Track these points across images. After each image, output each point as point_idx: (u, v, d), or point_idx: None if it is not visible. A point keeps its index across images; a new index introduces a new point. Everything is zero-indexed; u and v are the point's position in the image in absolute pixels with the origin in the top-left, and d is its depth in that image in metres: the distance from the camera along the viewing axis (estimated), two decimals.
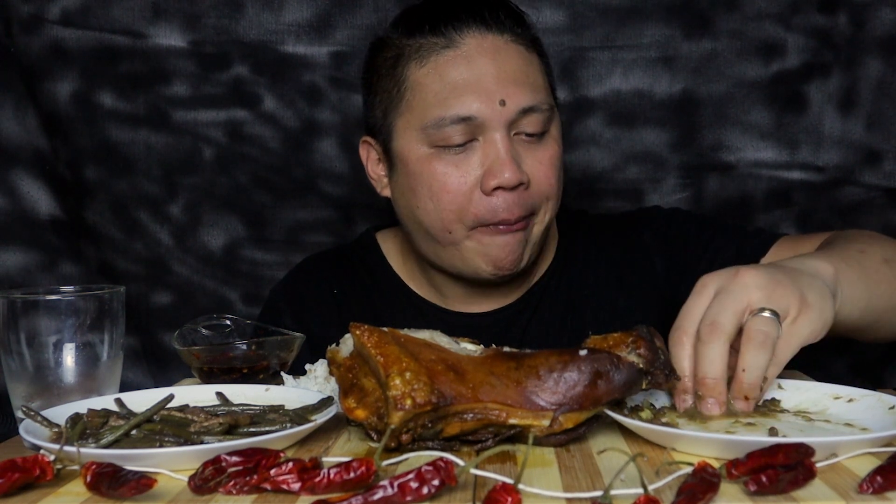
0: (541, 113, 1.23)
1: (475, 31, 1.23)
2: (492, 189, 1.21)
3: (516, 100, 1.21)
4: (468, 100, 1.20)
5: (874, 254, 1.11)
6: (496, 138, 1.21)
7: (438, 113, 1.21)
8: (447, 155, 1.22)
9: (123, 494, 0.70)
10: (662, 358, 0.85)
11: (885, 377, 1.73)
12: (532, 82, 1.24)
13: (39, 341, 0.95)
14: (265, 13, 1.70)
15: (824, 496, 0.68)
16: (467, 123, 1.20)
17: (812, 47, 1.69)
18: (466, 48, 1.22)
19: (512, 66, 1.23)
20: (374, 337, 0.82)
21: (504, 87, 1.21)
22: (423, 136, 1.23)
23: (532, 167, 1.23)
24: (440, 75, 1.22)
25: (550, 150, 1.25)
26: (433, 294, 1.39)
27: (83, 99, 1.70)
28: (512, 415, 0.81)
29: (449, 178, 1.22)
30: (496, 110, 1.20)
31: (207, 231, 1.75)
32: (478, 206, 1.22)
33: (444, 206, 1.22)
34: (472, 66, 1.21)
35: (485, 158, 1.22)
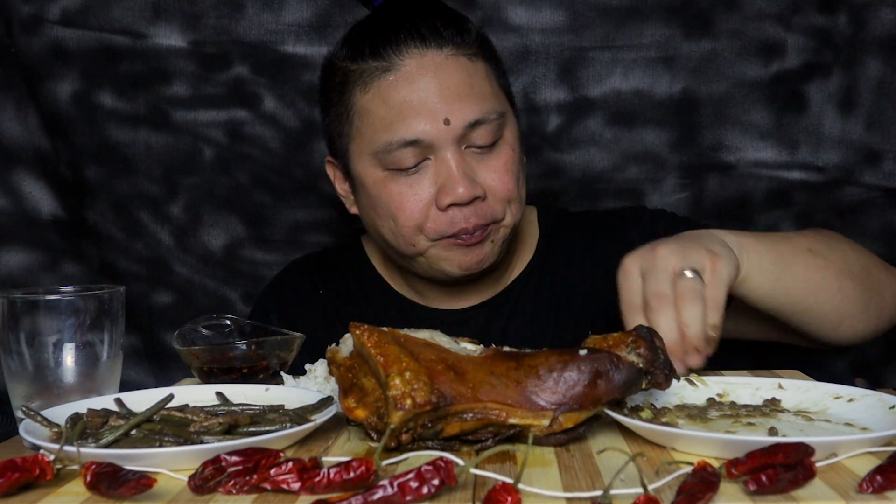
0: (489, 124, 1.24)
1: (414, 49, 1.23)
2: (446, 206, 1.23)
3: (461, 116, 1.22)
4: (413, 122, 1.21)
5: (799, 242, 1.18)
6: (447, 157, 1.22)
7: (385, 138, 1.22)
8: (401, 177, 1.24)
9: (123, 494, 0.70)
10: (662, 357, 0.85)
11: (886, 377, 1.73)
12: (477, 93, 1.24)
13: (39, 341, 0.95)
14: (265, 13, 1.70)
15: (824, 496, 0.68)
16: (415, 146, 1.22)
17: (812, 47, 1.69)
18: (406, 69, 1.23)
19: (454, 80, 1.23)
20: (374, 337, 0.83)
21: (447, 104, 1.21)
22: (376, 161, 1.25)
23: (486, 177, 1.25)
24: (384, 100, 1.23)
25: (504, 156, 1.26)
26: (415, 293, 1.42)
27: (84, 99, 1.70)
28: (512, 414, 0.81)
29: (404, 198, 1.24)
30: (441, 129, 1.21)
31: (208, 231, 1.75)
32: (435, 221, 1.24)
33: (402, 224, 1.25)
34: (413, 87, 1.22)
35: (437, 177, 1.23)
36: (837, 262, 1.18)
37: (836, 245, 1.22)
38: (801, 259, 1.15)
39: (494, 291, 1.40)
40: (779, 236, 1.19)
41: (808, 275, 1.15)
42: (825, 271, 1.16)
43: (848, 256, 1.21)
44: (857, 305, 1.20)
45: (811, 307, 1.17)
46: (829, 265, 1.17)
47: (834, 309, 1.18)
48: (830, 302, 1.18)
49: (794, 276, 1.14)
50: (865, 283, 1.21)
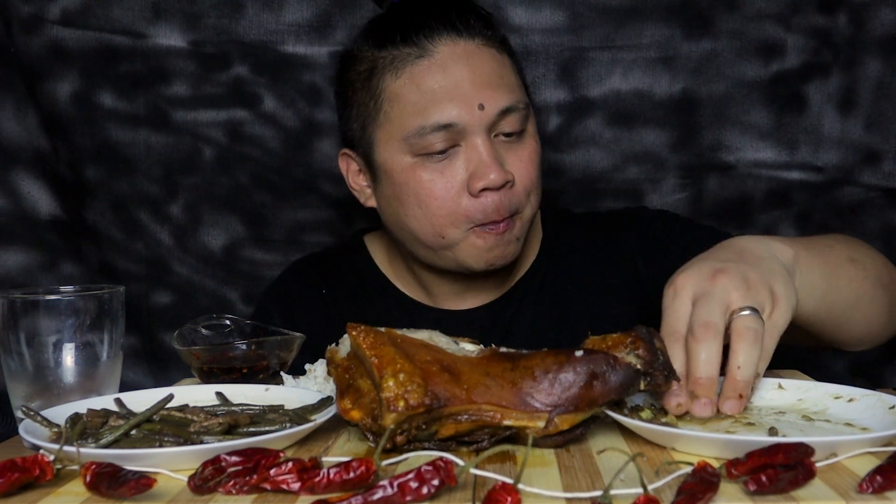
0: (518, 112, 1.26)
1: (447, 37, 1.24)
2: (479, 191, 1.23)
3: (494, 103, 1.23)
4: (447, 107, 1.22)
5: (841, 251, 1.14)
6: (478, 143, 1.23)
7: (419, 122, 1.22)
8: (430, 163, 1.24)
9: (123, 494, 0.70)
10: (661, 359, 0.84)
11: (886, 377, 1.73)
12: (507, 83, 1.26)
13: (39, 341, 0.95)
14: (265, 13, 1.70)
15: (824, 496, 0.68)
16: (448, 130, 1.22)
17: (812, 47, 1.69)
18: (440, 56, 1.24)
19: (486, 69, 1.25)
20: (370, 338, 0.82)
21: (481, 91, 1.23)
22: (406, 146, 1.24)
23: (514, 165, 1.26)
24: (417, 85, 1.23)
25: (529, 147, 1.28)
26: (419, 292, 1.41)
27: (83, 99, 1.70)
28: (506, 416, 0.80)
29: (435, 185, 1.24)
30: (475, 115, 1.22)
31: (207, 231, 1.75)
32: (468, 207, 1.24)
33: (433, 212, 1.25)
34: (447, 73, 1.23)
35: (468, 163, 1.24)
36: (872, 271, 1.15)
37: (868, 252, 1.19)
38: (845, 271, 1.12)
39: (499, 292, 1.40)
40: (822, 244, 1.13)
41: (851, 287, 1.12)
42: (863, 282, 1.13)
43: (878, 264, 1.18)
44: (886, 313, 1.18)
45: (850, 318, 1.14)
46: (867, 275, 1.14)
47: (869, 318, 1.16)
48: (866, 311, 1.15)
49: (839, 289, 1.10)
50: (891, 288, 1.19)
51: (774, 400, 0.95)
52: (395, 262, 1.43)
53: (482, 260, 1.28)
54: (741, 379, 0.88)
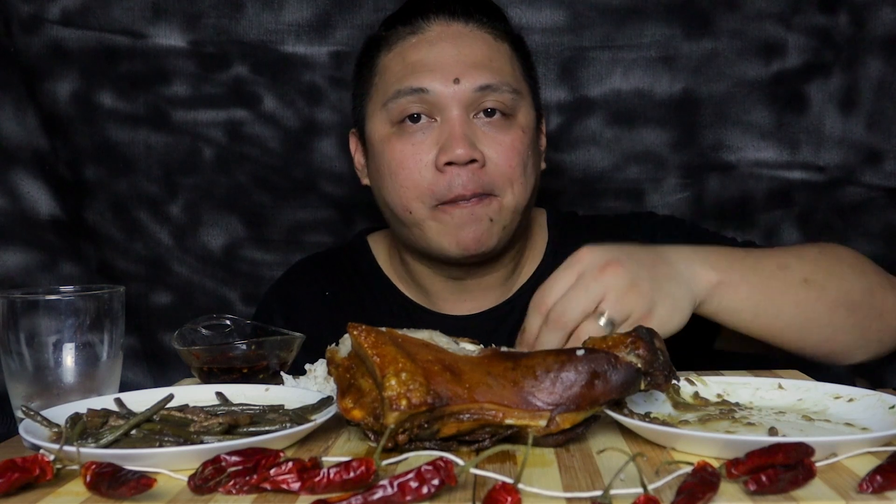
0: (499, 93, 1.25)
1: (441, 19, 1.29)
2: (443, 164, 1.23)
3: (472, 79, 1.24)
4: (424, 76, 1.25)
5: (795, 272, 1.12)
6: (452, 117, 1.24)
7: (395, 87, 1.26)
8: (405, 134, 1.26)
9: (123, 494, 0.70)
10: (662, 359, 0.85)
11: (886, 377, 1.72)
12: (495, 66, 1.27)
13: (39, 341, 0.95)
14: (265, 13, 1.70)
15: (824, 496, 0.68)
16: (421, 96, 1.24)
17: (813, 47, 1.69)
18: (430, 34, 1.28)
19: (474, 50, 1.27)
20: (371, 337, 0.82)
21: (461, 67, 1.25)
22: (385, 115, 1.28)
23: (490, 147, 1.25)
24: (403, 58, 1.28)
25: (513, 134, 1.27)
26: (421, 295, 1.41)
27: (83, 99, 1.70)
28: (508, 415, 0.80)
29: (405, 155, 1.26)
30: (450, 87, 1.24)
31: (207, 231, 1.75)
32: (432, 181, 1.24)
33: (400, 183, 1.26)
34: (432, 48, 1.27)
35: (440, 137, 1.25)
36: (834, 292, 1.14)
37: (836, 268, 1.17)
38: (792, 294, 1.11)
39: (503, 296, 1.39)
40: (776, 263, 1.13)
41: (797, 311, 1.12)
42: (817, 304, 1.12)
43: (847, 282, 1.16)
44: (852, 335, 1.17)
45: (796, 339, 1.14)
46: (824, 296, 1.13)
47: (824, 340, 1.15)
48: (820, 334, 1.14)
49: (778, 314, 1.11)
50: (865, 310, 1.16)
51: (774, 400, 0.95)
52: (396, 263, 1.42)
53: (453, 241, 1.25)
54: None
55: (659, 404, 0.92)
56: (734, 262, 1.10)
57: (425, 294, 1.40)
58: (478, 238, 1.26)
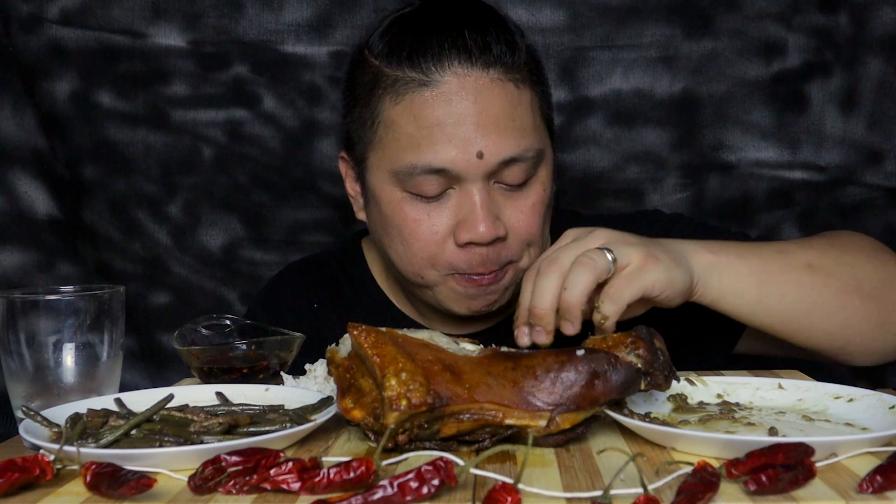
0: (524, 162, 1.14)
1: (457, 66, 1.12)
2: (464, 243, 1.14)
3: (496, 151, 1.12)
4: (443, 148, 1.11)
5: (797, 256, 1.09)
6: (472, 191, 1.13)
7: (410, 160, 1.13)
8: (420, 202, 1.15)
9: (123, 494, 0.70)
10: (662, 359, 0.85)
11: (886, 377, 1.72)
12: (518, 126, 1.14)
13: (39, 341, 0.95)
14: (265, 13, 1.70)
15: (824, 496, 0.68)
16: (441, 175, 1.13)
17: (813, 47, 1.69)
18: (446, 87, 1.11)
19: (496, 109, 1.12)
20: (372, 337, 0.82)
21: (484, 135, 1.11)
22: (395, 180, 1.15)
23: (511, 217, 1.16)
24: (415, 116, 1.12)
25: (534, 196, 1.17)
26: (416, 313, 1.34)
27: (82, 98, 1.70)
28: (508, 415, 0.80)
29: (420, 225, 1.15)
30: (472, 162, 1.11)
31: (206, 231, 1.75)
32: (451, 256, 1.16)
33: (414, 252, 1.17)
34: (450, 108, 1.11)
35: (459, 209, 1.14)
36: (843, 278, 1.08)
37: (847, 256, 1.11)
38: (794, 276, 1.07)
39: (502, 315, 1.29)
40: (774, 248, 1.10)
41: (801, 294, 1.07)
42: (824, 289, 1.07)
43: (860, 270, 1.10)
44: (869, 325, 1.10)
45: (805, 327, 1.09)
46: (831, 282, 1.07)
47: (837, 329, 1.09)
48: (831, 322, 1.09)
49: (782, 296, 1.06)
50: (882, 299, 1.10)
51: (774, 400, 0.95)
52: (392, 277, 1.34)
53: (463, 306, 1.20)
54: (565, 300, 0.96)
55: (659, 404, 0.92)
56: (730, 246, 1.08)
57: (422, 314, 1.34)
58: (490, 305, 1.21)
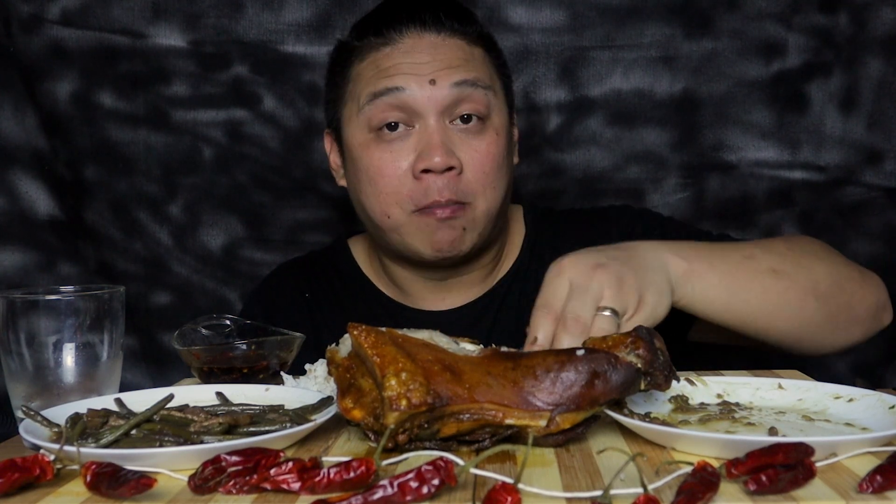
0: (476, 90, 1.27)
1: (413, 30, 1.29)
2: (420, 171, 1.25)
3: (447, 78, 1.25)
4: (398, 78, 1.26)
5: (762, 262, 1.15)
6: (429, 124, 1.26)
7: (370, 90, 1.27)
8: (383, 141, 1.27)
9: (123, 494, 0.70)
10: (662, 359, 0.85)
11: (886, 377, 1.73)
12: (470, 66, 1.28)
13: (39, 341, 0.95)
14: (265, 13, 1.70)
15: (824, 496, 0.68)
16: (397, 96, 1.25)
17: (813, 47, 1.69)
18: (403, 45, 1.28)
19: (449, 54, 1.28)
20: (371, 337, 0.82)
21: (436, 70, 1.26)
22: (363, 121, 1.28)
23: (465, 153, 1.27)
24: (377, 65, 1.28)
25: (488, 138, 1.28)
26: (400, 294, 1.42)
27: (83, 99, 1.70)
28: (508, 415, 0.80)
29: (384, 162, 1.27)
30: (426, 89, 1.25)
31: (207, 231, 1.75)
32: (411, 188, 1.26)
33: (380, 190, 1.28)
34: (406, 58, 1.27)
35: (418, 144, 1.26)
36: (802, 282, 1.16)
37: (805, 260, 1.19)
38: (759, 282, 1.14)
39: (481, 291, 1.41)
40: (742, 254, 1.16)
41: (766, 298, 1.14)
42: (786, 293, 1.15)
43: (816, 273, 1.18)
44: (822, 323, 1.18)
45: (765, 327, 1.16)
46: (792, 286, 1.15)
47: (794, 328, 1.17)
48: (790, 322, 1.16)
49: (747, 301, 1.13)
50: (834, 300, 1.18)
51: (774, 400, 0.95)
52: (376, 264, 1.44)
53: (428, 244, 1.28)
54: None
55: (659, 404, 0.92)
56: (701, 252, 1.13)
57: (405, 293, 1.42)
58: (451, 241, 1.28)
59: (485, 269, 1.40)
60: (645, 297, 1.04)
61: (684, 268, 1.09)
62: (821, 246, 1.25)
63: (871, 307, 1.22)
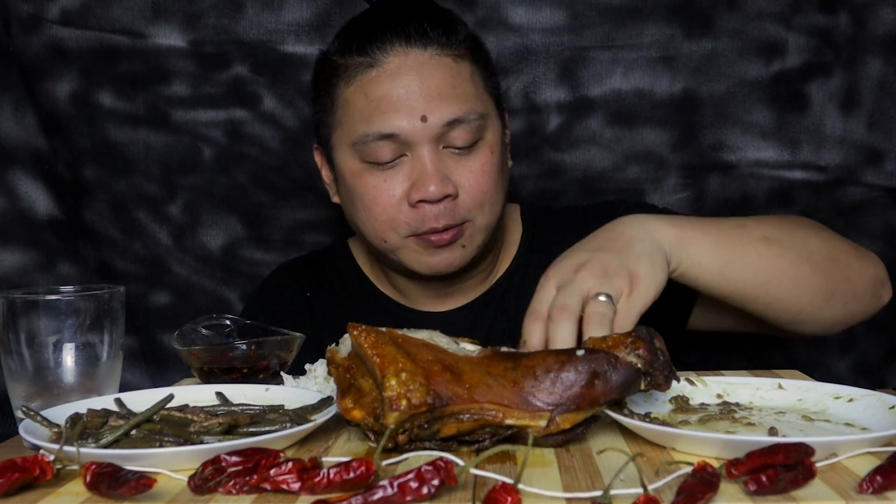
0: (468, 124, 1.25)
1: (398, 48, 1.25)
2: (416, 202, 1.24)
3: (439, 114, 1.23)
4: (391, 117, 1.23)
5: (754, 230, 1.15)
6: (422, 153, 1.24)
7: (363, 129, 1.25)
8: (377, 170, 1.26)
9: (123, 494, 0.70)
10: (662, 359, 0.85)
11: (887, 377, 1.72)
12: (459, 94, 1.26)
13: (39, 341, 0.95)
14: (265, 13, 1.70)
15: (824, 496, 0.68)
16: (392, 140, 1.24)
17: (813, 47, 1.69)
18: (389, 66, 1.25)
19: (436, 79, 1.25)
20: (371, 337, 0.82)
21: (426, 101, 1.23)
22: (354, 152, 1.28)
23: (461, 177, 1.26)
24: (365, 93, 1.26)
25: (482, 157, 1.27)
26: (400, 295, 1.43)
27: (82, 99, 1.70)
28: (508, 415, 0.80)
29: (378, 191, 1.26)
30: (418, 126, 1.23)
31: (206, 231, 1.75)
32: (406, 216, 1.26)
33: (375, 217, 1.28)
34: (395, 83, 1.24)
35: (411, 173, 1.25)
36: (796, 250, 1.15)
37: (798, 232, 1.18)
38: (753, 248, 1.13)
39: (479, 292, 1.41)
40: (733, 223, 1.16)
41: (760, 264, 1.13)
42: (780, 260, 1.13)
43: (811, 244, 1.17)
44: (819, 295, 1.17)
45: (762, 296, 1.15)
46: (786, 253, 1.14)
47: (791, 298, 1.16)
48: (786, 291, 1.15)
49: (742, 267, 1.12)
50: (830, 271, 1.17)
51: (774, 400, 0.95)
52: (376, 264, 1.45)
53: (424, 265, 1.29)
54: None
55: (659, 404, 0.92)
56: (692, 220, 1.13)
57: (404, 295, 1.43)
58: (450, 263, 1.29)
59: (483, 273, 1.41)
60: (637, 273, 1.03)
61: (676, 233, 1.08)
62: (812, 222, 1.24)
63: (869, 281, 1.21)
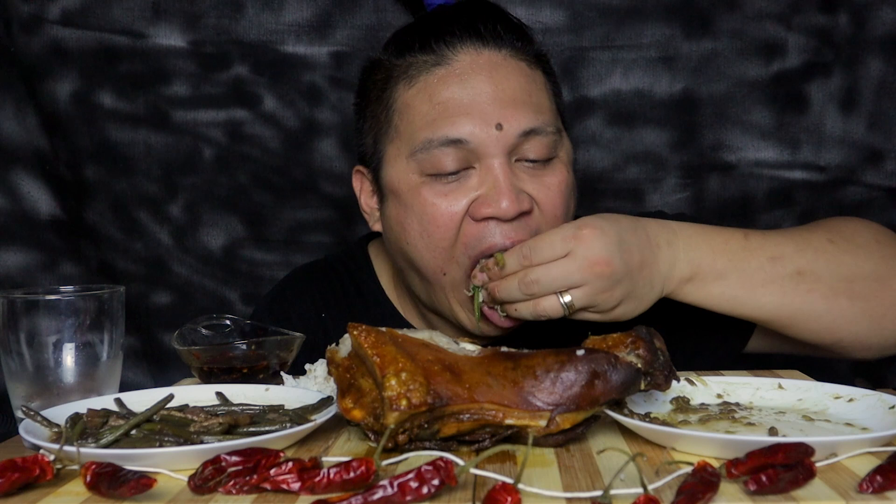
0: (545, 136, 1.12)
1: (469, 46, 1.12)
2: (483, 218, 1.10)
3: (515, 123, 1.10)
4: (460, 121, 1.09)
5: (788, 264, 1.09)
6: (494, 165, 1.10)
7: (426, 135, 1.11)
8: (437, 184, 1.11)
9: (123, 494, 0.70)
10: (662, 359, 0.85)
11: (887, 377, 1.72)
12: (535, 102, 1.13)
13: (39, 341, 0.95)
14: (265, 13, 1.70)
15: (824, 496, 0.68)
16: (458, 147, 1.10)
17: (813, 47, 1.69)
18: (459, 65, 1.12)
19: (512, 84, 1.12)
20: (372, 337, 0.82)
21: (501, 108, 1.10)
22: (414, 164, 1.12)
23: (538, 192, 1.12)
24: (429, 95, 1.12)
25: (559, 174, 1.14)
26: (420, 321, 1.31)
27: (83, 99, 1.70)
28: (508, 415, 0.80)
29: (438, 209, 1.11)
30: (492, 135, 1.09)
31: (207, 231, 1.75)
32: (466, 234, 1.11)
33: (435, 243, 1.12)
34: (465, 84, 1.11)
35: (480, 185, 1.11)
36: (831, 282, 1.09)
37: (846, 257, 1.11)
38: (779, 285, 1.08)
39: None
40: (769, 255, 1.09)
41: (782, 302, 1.08)
42: (809, 295, 1.08)
43: (856, 269, 1.10)
44: (860, 323, 1.11)
45: (789, 326, 1.11)
46: (818, 287, 1.09)
47: (823, 328, 1.11)
48: (817, 323, 1.10)
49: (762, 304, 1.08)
50: (877, 296, 1.11)
51: (774, 400, 0.95)
52: (400, 287, 1.31)
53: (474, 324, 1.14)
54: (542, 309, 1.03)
55: (659, 404, 0.92)
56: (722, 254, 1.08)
57: (429, 324, 1.29)
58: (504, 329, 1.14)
59: None
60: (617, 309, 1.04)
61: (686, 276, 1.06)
62: (873, 233, 1.16)
63: None
